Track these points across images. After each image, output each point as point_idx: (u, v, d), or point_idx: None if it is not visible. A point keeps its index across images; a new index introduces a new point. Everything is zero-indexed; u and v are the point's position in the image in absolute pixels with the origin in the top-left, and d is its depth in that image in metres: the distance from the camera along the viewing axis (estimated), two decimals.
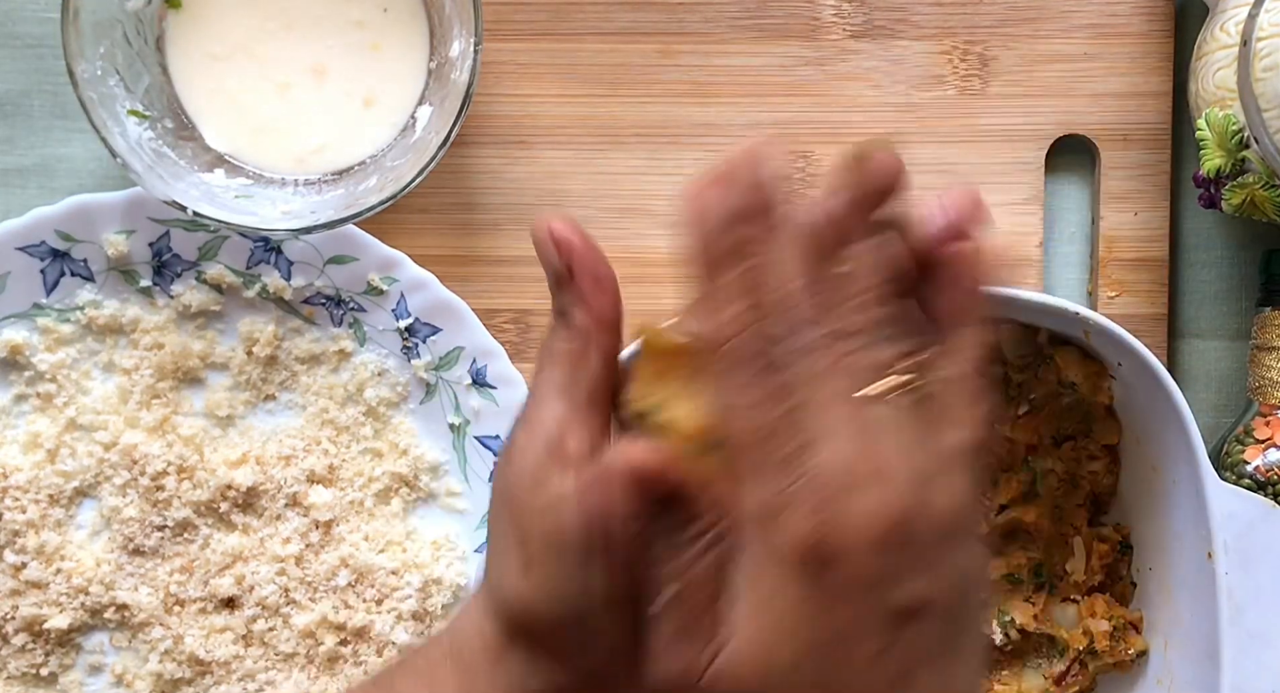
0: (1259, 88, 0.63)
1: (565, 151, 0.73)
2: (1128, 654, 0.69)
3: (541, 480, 0.44)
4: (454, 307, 0.71)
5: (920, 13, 0.73)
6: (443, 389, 0.73)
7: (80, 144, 0.74)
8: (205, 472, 0.72)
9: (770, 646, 0.40)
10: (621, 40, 0.73)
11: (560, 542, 0.44)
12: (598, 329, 0.46)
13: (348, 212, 0.66)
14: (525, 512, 0.44)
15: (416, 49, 0.70)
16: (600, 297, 0.46)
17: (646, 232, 0.73)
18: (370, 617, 0.72)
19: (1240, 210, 0.68)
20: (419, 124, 0.70)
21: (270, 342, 0.72)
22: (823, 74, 0.73)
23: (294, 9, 0.69)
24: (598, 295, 0.46)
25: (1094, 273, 0.74)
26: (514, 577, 0.45)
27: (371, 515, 0.73)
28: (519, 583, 0.45)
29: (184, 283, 0.72)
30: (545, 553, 0.44)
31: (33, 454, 0.72)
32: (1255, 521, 0.63)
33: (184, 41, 0.69)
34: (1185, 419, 0.63)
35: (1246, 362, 0.72)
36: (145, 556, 0.72)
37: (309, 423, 0.73)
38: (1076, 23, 0.73)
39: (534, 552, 0.44)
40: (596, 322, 0.46)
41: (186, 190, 0.66)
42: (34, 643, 0.72)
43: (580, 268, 0.46)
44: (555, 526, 0.44)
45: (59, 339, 0.72)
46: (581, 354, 0.45)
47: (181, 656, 0.72)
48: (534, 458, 0.45)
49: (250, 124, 0.70)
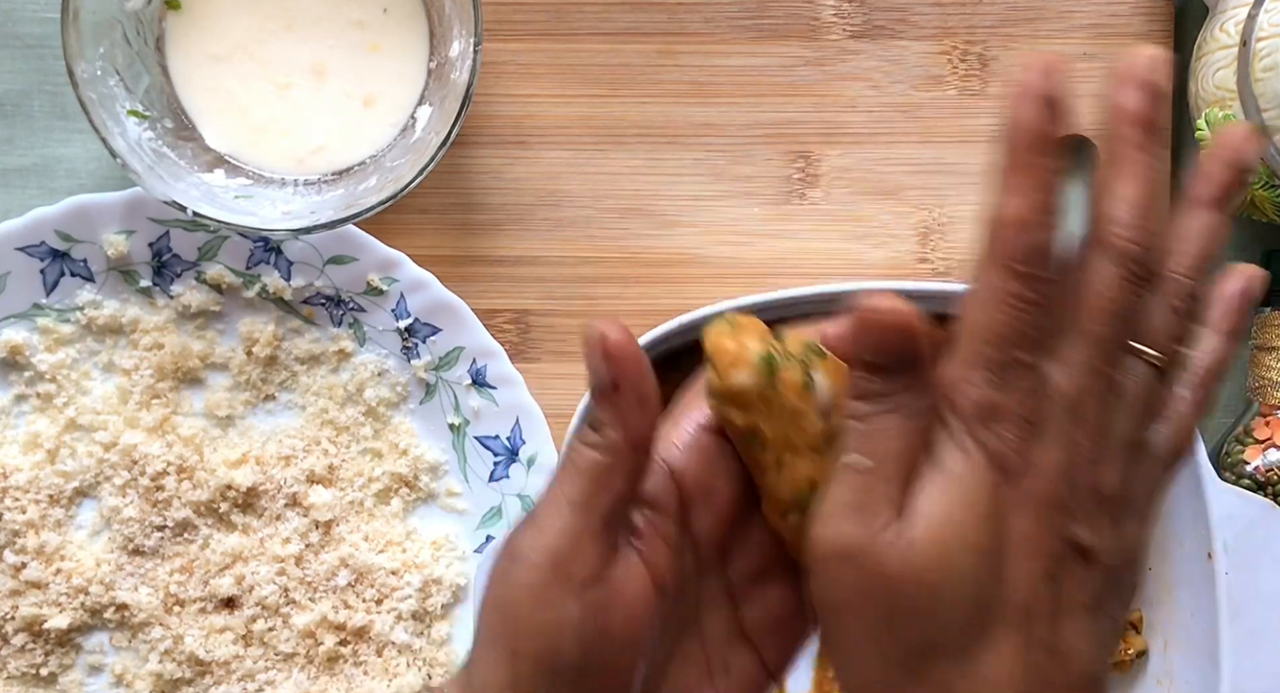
0: (1259, 88, 0.63)
1: (565, 151, 0.73)
2: (1128, 654, 0.69)
3: (543, 602, 0.43)
4: (454, 307, 0.71)
5: (920, 13, 0.73)
6: (442, 389, 0.73)
7: (80, 144, 0.74)
8: (205, 472, 0.72)
9: (951, 533, 0.40)
10: (621, 40, 0.73)
11: (553, 667, 0.43)
12: (630, 450, 0.43)
13: (348, 212, 0.66)
14: (521, 629, 0.43)
15: (416, 49, 0.70)
16: (641, 417, 0.43)
17: (646, 232, 0.73)
18: (370, 617, 0.72)
19: (1240, 210, 0.68)
20: (419, 124, 0.70)
21: (270, 342, 0.72)
22: (823, 74, 0.73)
23: (294, 9, 0.69)
24: (639, 415, 0.43)
25: None
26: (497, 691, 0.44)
27: (371, 516, 0.73)
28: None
29: (184, 283, 0.72)
30: (536, 674, 0.43)
31: (33, 454, 0.72)
32: (1255, 520, 0.63)
33: (184, 41, 0.69)
34: None
35: (1246, 362, 0.73)
36: (145, 556, 0.72)
37: (309, 423, 0.73)
38: (1076, 23, 0.73)
39: (523, 670, 0.43)
40: (631, 442, 0.43)
41: (186, 190, 0.66)
42: (34, 643, 0.72)
43: (627, 384, 0.43)
44: (551, 649, 0.42)
45: (59, 339, 0.72)
46: (609, 472, 0.43)
47: (181, 656, 0.72)
48: (538, 574, 0.43)
49: (250, 124, 0.70)
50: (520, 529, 0.44)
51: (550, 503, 0.44)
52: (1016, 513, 0.41)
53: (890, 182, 0.73)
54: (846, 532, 0.41)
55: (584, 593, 0.43)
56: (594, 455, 0.43)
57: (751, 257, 0.73)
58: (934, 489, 0.41)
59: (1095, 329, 0.41)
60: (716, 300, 0.64)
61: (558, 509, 0.43)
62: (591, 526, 0.43)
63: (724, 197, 0.73)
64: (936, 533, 0.40)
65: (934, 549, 0.40)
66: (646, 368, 0.43)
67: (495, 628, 0.44)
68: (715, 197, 0.73)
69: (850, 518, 0.41)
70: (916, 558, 0.40)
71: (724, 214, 0.73)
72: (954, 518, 0.40)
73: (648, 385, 0.43)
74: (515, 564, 0.43)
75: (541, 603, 0.43)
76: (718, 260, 0.73)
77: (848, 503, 0.41)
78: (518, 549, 0.43)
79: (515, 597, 0.43)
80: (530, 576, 0.43)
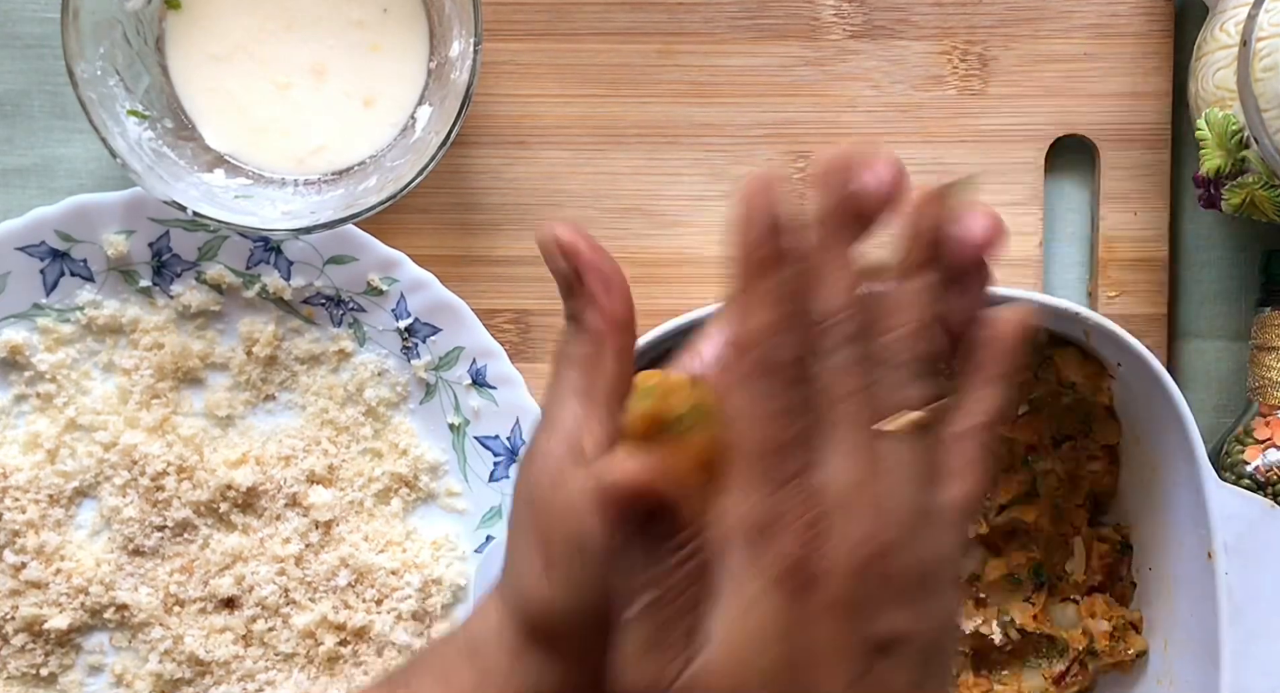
0: (1259, 88, 0.63)
1: (565, 151, 0.73)
2: (1128, 654, 0.69)
3: (561, 481, 0.44)
4: (454, 307, 0.71)
5: (920, 13, 0.73)
6: (442, 389, 0.73)
7: (80, 144, 0.74)
8: (205, 472, 0.72)
9: (744, 659, 0.40)
10: (621, 40, 0.73)
11: (580, 541, 0.44)
12: (610, 330, 0.46)
13: (348, 212, 0.66)
14: (546, 512, 0.45)
15: (416, 49, 0.70)
16: (610, 298, 0.46)
17: (646, 232, 0.73)
18: (370, 617, 0.72)
19: (1240, 210, 0.68)
20: (419, 124, 0.70)
21: (270, 342, 0.72)
22: (823, 74, 0.73)
23: (294, 9, 0.69)
24: (608, 297, 0.46)
25: (1094, 273, 0.74)
26: (534, 578, 0.45)
27: (371, 516, 0.73)
28: (539, 584, 0.45)
29: (184, 283, 0.72)
30: (566, 553, 0.44)
31: (33, 454, 0.72)
32: (1255, 521, 0.63)
33: (184, 41, 0.69)
34: (1185, 419, 0.63)
35: (1246, 362, 0.72)
36: (145, 556, 0.72)
37: (309, 423, 0.73)
38: (1076, 23, 0.73)
39: (555, 552, 0.44)
40: (609, 323, 0.46)
41: (186, 190, 0.66)
42: (34, 643, 0.72)
43: (588, 271, 0.46)
44: (576, 525, 0.44)
45: (59, 339, 0.72)
46: (596, 356, 0.46)
47: (181, 656, 0.72)
48: (555, 459, 0.45)
49: (250, 124, 0.70)
50: (535, 432, 0.46)
51: (554, 399, 0.46)
52: (815, 623, 0.40)
53: None
54: (644, 673, 0.42)
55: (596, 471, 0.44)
56: (579, 347, 0.46)
57: None
58: (725, 614, 0.40)
59: (844, 417, 0.41)
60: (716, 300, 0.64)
61: (561, 401, 0.46)
62: (595, 407, 0.45)
63: (724, 196, 0.73)
64: (732, 656, 0.40)
65: (732, 671, 0.40)
66: (603, 253, 0.46)
67: (524, 522, 0.46)
68: (715, 197, 0.73)
69: (646, 658, 0.42)
70: (716, 685, 0.40)
71: (724, 214, 0.73)
72: (748, 640, 0.40)
73: (609, 268, 0.46)
74: (533, 459, 0.46)
75: (559, 484, 0.44)
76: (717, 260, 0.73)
77: (643, 642, 0.42)
78: (533, 447, 0.46)
79: (537, 483, 0.45)
80: (548, 463, 0.45)
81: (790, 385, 0.41)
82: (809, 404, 0.41)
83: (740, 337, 0.42)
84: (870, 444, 0.41)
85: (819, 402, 0.41)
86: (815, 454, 0.40)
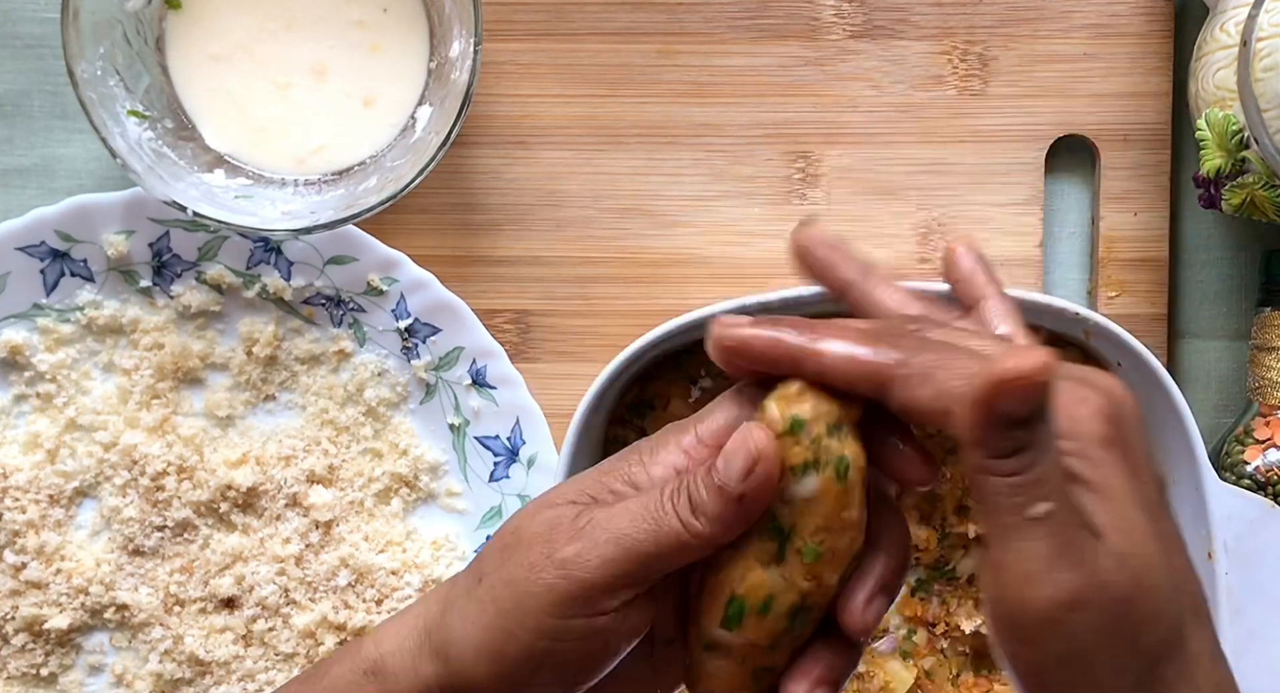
0: (1259, 88, 0.63)
1: (565, 151, 0.73)
2: None
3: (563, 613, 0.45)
4: (454, 307, 0.71)
5: (920, 13, 0.73)
6: (442, 389, 0.73)
7: (80, 144, 0.74)
8: (205, 472, 0.72)
9: (1140, 537, 0.42)
10: (621, 40, 0.73)
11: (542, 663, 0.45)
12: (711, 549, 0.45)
13: (348, 212, 0.66)
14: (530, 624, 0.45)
15: (416, 49, 0.70)
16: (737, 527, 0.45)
17: (646, 232, 0.73)
18: (370, 617, 0.72)
19: (1240, 210, 0.68)
20: (419, 124, 0.70)
21: (270, 342, 0.72)
22: (823, 74, 0.73)
23: (294, 9, 0.69)
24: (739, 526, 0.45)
25: (1094, 273, 0.74)
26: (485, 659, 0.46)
27: (371, 516, 0.73)
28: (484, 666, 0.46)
29: (184, 283, 0.72)
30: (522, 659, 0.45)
31: (33, 454, 0.72)
32: (1255, 521, 0.63)
33: (184, 42, 0.69)
34: (1185, 419, 0.63)
35: (1246, 362, 0.72)
36: (145, 556, 0.72)
37: (309, 423, 0.73)
38: (1076, 23, 0.73)
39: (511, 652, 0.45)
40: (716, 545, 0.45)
41: (186, 190, 0.66)
42: (34, 643, 0.72)
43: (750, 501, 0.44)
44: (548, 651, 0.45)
45: (59, 339, 0.72)
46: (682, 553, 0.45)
47: (181, 656, 0.72)
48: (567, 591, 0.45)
49: (250, 124, 0.70)
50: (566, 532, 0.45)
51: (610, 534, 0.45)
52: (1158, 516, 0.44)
53: (890, 182, 0.73)
54: (1066, 580, 0.41)
55: (597, 622, 0.45)
56: (682, 533, 0.44)
57: (751, 257, 0.73)
58: (1103, 504, 0.42)
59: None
60: (716, 300, 0.64)
61: (615, 546, 0.45)
62: (634, 579, 0.45)
63: (724, 197, 0.73)
64: (1133, 541, 0.42)
65: (1141, 556, 0.42)
66: (773, 491, 0.44)
67: (503, 604, 0.45)
68: (715, 197, 0.73)
69: (1061, 566, 0.41)
70: (1136, 570, 0.42)
71: (724, 214, 0.73)
72: (1134, 524, 0.42)
73: (764, 507, 0.44)
74: (551, 567, 0.45)
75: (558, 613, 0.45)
76: (718, 260, 0.73)
77: (1048, 554, 0.41)
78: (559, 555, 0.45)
79: (537, 595, 0.45)
80: (560, 586, 0.44)
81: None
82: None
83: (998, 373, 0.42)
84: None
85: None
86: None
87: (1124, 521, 0.42)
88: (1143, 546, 0.42)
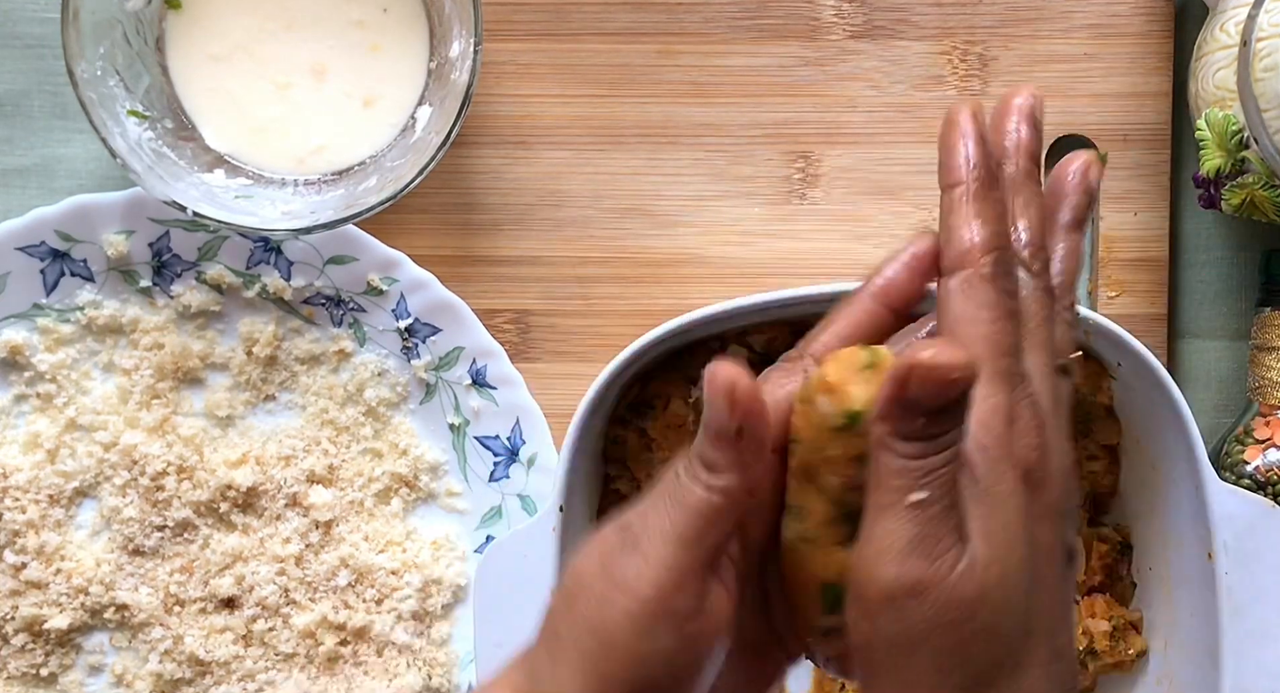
0: (1259, 88, 0.63)
1: (565, 151, 0.73)
2: (1128, 654, 0.69)
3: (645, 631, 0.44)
4: (454, 307, 0.71)
5: (920, 13, 0.73)
6: (442, 389, 0.73)
7: (80, 144, 0.74)
8: (205, 472, 0.72)
9: (1005, 551, 0.42)
10: (621, 40, 0.73)
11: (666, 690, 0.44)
12: (745, 495, 0.44)
13: (348, 212, 0.66)
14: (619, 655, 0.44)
15: (416, 49, 0.70)
16: (759, 465, 0.44)
17: (646, 232, 0.73)
18: (370, 617, 0.72)
19: (1240, 210, 0.68)
20: (419, 124, 0.70)
21: (270, 342, 0.72)
22: (823, 74, 0.73)
23: (294, 9, 0.69)
24: (757, 463, 0.44)
25: (1094, 273, 0.74)
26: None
27: (371, 516, 0.73)
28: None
29: (184, 283, 0.72)
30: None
31: (33, 454, 0.72)
32: (1255, 521, 0.63)
33: (184, 42, 0.69)
34: (1185, 419, 0.63)
35: (1246, 362, 0.72)
36: (145, 556, 0.72)
37: (309, 423, 0.73)
38: (1076, 23, 0.73)
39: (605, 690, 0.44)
40: (747, 489, 0.44)
41: (186, 190, 0.66)
42: (34, 643, 0.72)
43: (750, 432, 0.43)
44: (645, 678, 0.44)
45: (59, 339, 0.72)
46: (720, 513, 0.44)
47: (181, 656, 0.72)
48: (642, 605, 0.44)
49: (250, 124, 0.70)
50: (619, 554, 0.45)
51: (655, 535, 0.44)
52: (1041, 522, 0.43)
53: (890, 182, 0.73)
54: (914, 567, 0.41)
55: (684, 626, 0.44)
56: (707, 496, 0.44)
57: (751, 257, 0.73)
58: (983, 511, 0.42)
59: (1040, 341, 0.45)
60: (716, 300, 0.64)
61: (664, 542, 0.44)
62: (696, 563, 0.44)
63: (724, 197, 0.73)
64: (996, 556, 0.42)
65: (997, 569, 0.42)
66: (769, 416, 0.44)
67: (588, 650, 0.44)
68: (715, 197, 0.73)
69: (916, 553, 0.41)
70: (985, 580, 0.42)
71: (724, 214, 0.73)
72: (1007, 537, 0.42)
73: (768, 434, 0.44)
74: (618, 592, 0.44)
75: (643, 634, 0.44)
76: (718, 260, 0.73)
77: (911, 538, 0.41)
78: (620, 577, 0.44)
79: (616, 624, 0.44)
80: (634, 606, 0.44)
81: (1008, 297, 0.45)
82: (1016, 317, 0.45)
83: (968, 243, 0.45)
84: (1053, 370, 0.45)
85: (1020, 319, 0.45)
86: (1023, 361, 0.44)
87: (998, 535, 0.42)
88: (1005, 563, 0.42)
